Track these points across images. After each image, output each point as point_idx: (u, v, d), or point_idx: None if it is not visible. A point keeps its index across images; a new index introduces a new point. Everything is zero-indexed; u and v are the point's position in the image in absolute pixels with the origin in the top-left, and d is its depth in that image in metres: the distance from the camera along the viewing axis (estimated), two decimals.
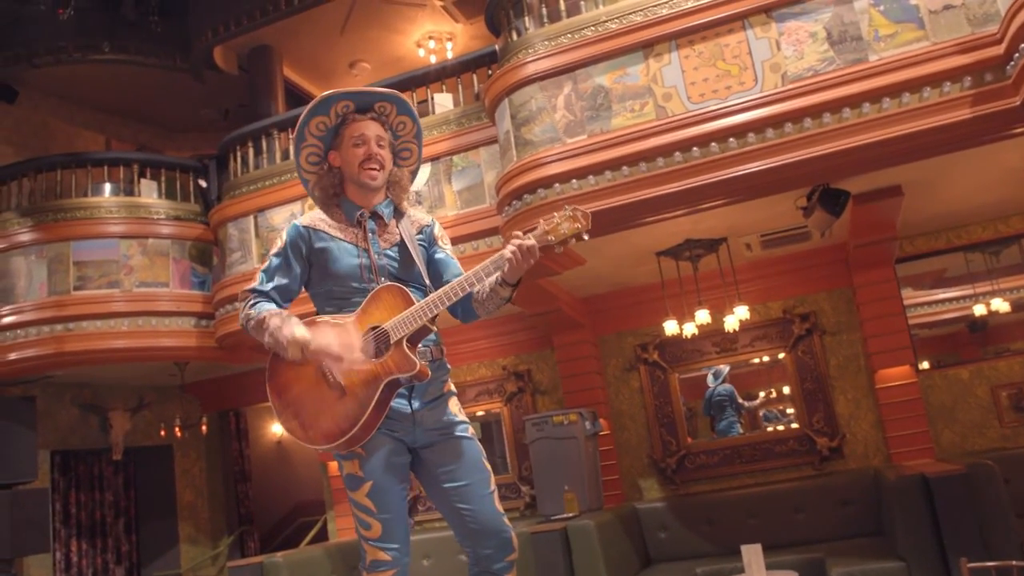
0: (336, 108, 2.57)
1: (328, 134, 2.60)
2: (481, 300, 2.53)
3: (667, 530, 6.51)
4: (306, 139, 2.60)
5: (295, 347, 2.36)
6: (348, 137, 2.56)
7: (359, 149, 2.55)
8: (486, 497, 2.49)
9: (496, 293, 2.49)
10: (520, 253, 2.35)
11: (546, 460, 6.45)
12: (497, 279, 2.46)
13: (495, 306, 2.53)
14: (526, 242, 2.36)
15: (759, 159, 4.61)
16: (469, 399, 7.97)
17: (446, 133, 6.39)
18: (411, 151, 2.74)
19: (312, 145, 2.61)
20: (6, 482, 6.90)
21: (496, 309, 2.56)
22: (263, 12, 7.31)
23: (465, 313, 2.61)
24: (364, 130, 2.55)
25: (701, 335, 6.79)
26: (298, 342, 2.35)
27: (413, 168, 2.76)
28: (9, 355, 6.86)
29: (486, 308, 2.54)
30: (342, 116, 2.58)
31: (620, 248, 5.94)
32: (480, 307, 2.55)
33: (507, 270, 2.40)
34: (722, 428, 7.11)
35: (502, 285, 2.46)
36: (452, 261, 2.65)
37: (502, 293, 2.48)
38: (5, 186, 7.35)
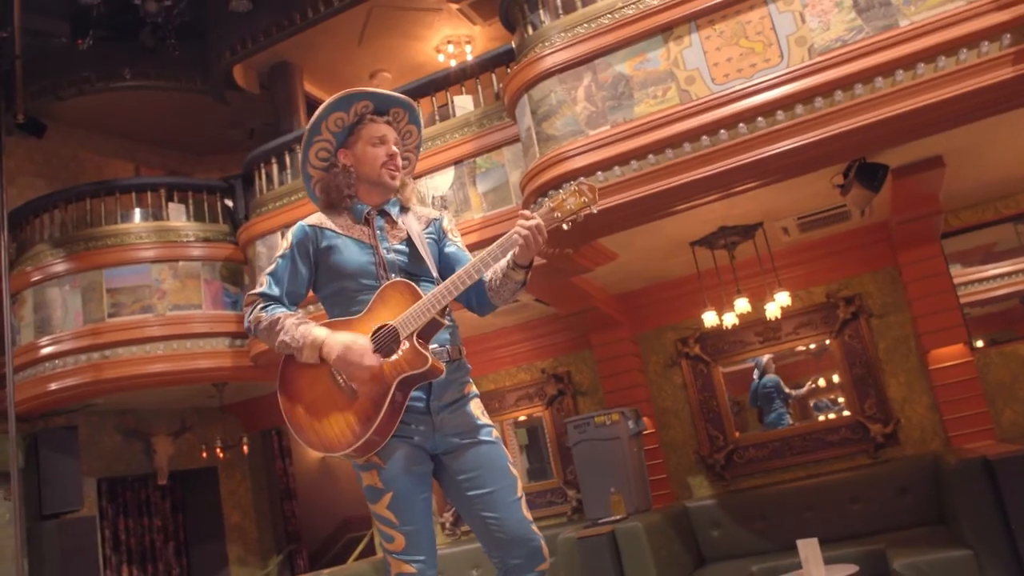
0: (356, 107, 2.51)
1: (343, 132, 2.53)
2: (495, 288, 2.41)
3: (719, 528, 6.32)
4: (321, 133, 2.52)
5: (312, 348, 2.27)
6: (366, 137, 2.50)
7: (379, 149, 2.49)
8: (512, 504, 2.35)
9: (509, 278, 2.36)
10: (528, 233, 2.23)
11: (590, 462, 6.30)
12: (509, 263, 2.34)
13: (510, 292, 2.41)
14: (532, 221, 2.24)
15: (790, 137, 4.43)
16: (509, 404, 7.85)
17: (468, 135, 6.30)
18: (410, 161, 2.70)
19: (325, 140, 2.53)
20: (53, 512, 6.94)
21: (512, 296, 2.43)
22: (279, 27, 7.30)
23: (480, 304, 2.49)
24: (385, 131, 2.52)
25: (743, 325, 6.61)
26: (316, 343, 2.26)
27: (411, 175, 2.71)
28: (50, 385, 6.91)
29: (501, 296, 2.42)
30: (359, 115, 2.52)
31: (652, 240, 5.79)
32: (495, 295, 2.42)
33: (518, 252, 2.28)
34: (771, 420, 6.89)
35: (514, 269, 2.34)
36: (463, 254, 2.54)
37: (515, 277, 2.35)
38: (37, 219, 7.42)
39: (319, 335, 2.28)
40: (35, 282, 7.12)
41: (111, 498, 8.18)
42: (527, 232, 2.23)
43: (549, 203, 2.31)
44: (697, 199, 4.85)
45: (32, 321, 7.09)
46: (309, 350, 2.27)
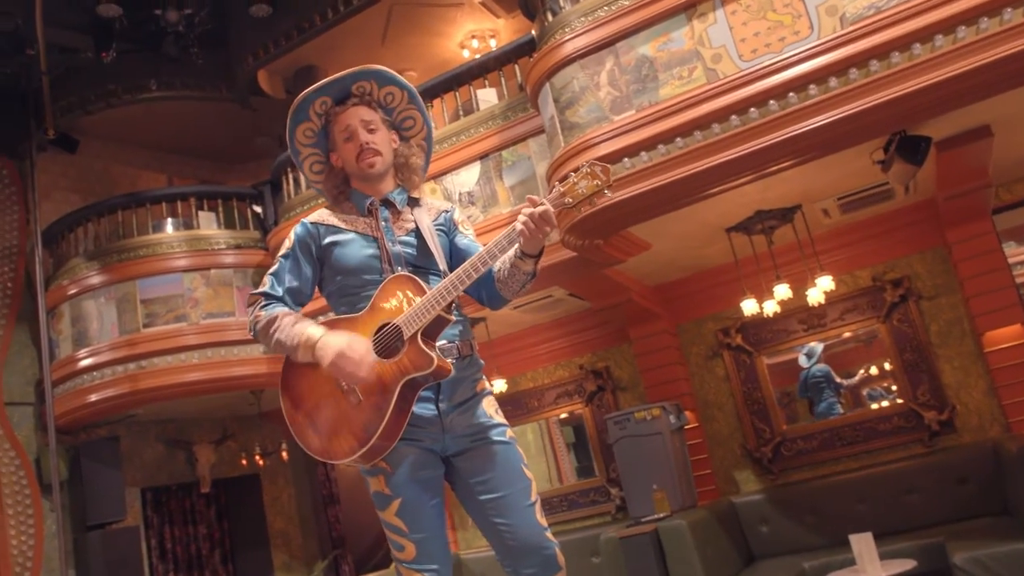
0: (315, 108, 2.37)
1: (320, 138, 2.41)
2: (503, 280, 2.26)
3: (768, 524, 6.11)
4: (300, 151, 2.42)
5: (306, 348, 2.14)
6: (337, 133, 2.36)
7: (350, 144, 2.34)
8: (526, 510, 2.20)
9: (517, 269, 2.21)
10: (532, 222, 2.08)
11: (632, 459, 6.13)
12: (516, 252, 2.19)
13: (520, 284, 2.26)
14: (538, 209, 2.09)
15: (824, 112, 4.20)
16: (549, 402, 7.72)
17: (492, 128, 6.16)
18: (413, 119, 2.49)
19: (311, 154, 2.42)
20: (98, 522, 6.98)
21: (522, 288, 2.28)
22: (299, 30, 7.25)
23: (490, 298, 2.35)
24: (348, 121, 2.34)
25: (786, 313, 6.37)
26: (309, 342, 2.13)
27: (423, 135, 2.51)
28: (90, 397, 6.96)
29: (511, 288, 2.27)
30: (324, 114, 2.38)
31: (686, 227, 5.60)
32: (504, 288, 2.28)
33: (524, 242, 2.13)
34: (821, 410, 6.61)
35: (522, 259, 2.19)
36: (475, 246, 2.38)
37: (524, 267, 2.21)
38: (72, 233, 7.48)
39: (313, 334, 2.14)
40: (71, 295, 7.17)
41: (156, 507, 8.23)
42: (532, 221, 2.08)
43: (560, 187, 2.14)
44: (729, 182, 4.65)
45: (70, 334, 7.15)
46: (303, 350, 2.15)
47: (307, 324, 2.19)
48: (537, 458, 7.84)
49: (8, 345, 7.27)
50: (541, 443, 7.89)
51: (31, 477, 7.02)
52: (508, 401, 7.81)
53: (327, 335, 2.14)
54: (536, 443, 7.89)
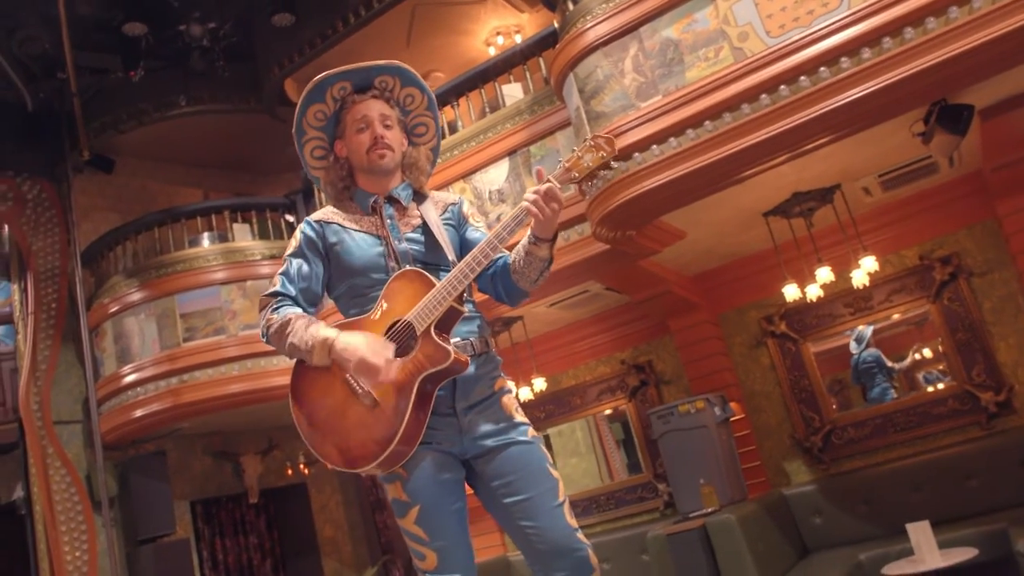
0: (332, 92, 2.29)
1: (329, 123, 2.33)
2: (520, 270, 2.17)
3: (822, 515, 5.93)
4: (306, 132, 2.32)
5: (322, 350, 2.06)
6: (351, 122, 2.28)
7: (363, 134, 2.26)
8: (554, 511, 2.08)
9: (533, 256, 2.12)
10: (541, 200, 2.00)
11: (677, 454, 6.01)
12: (530, 238, 2.11)
13: (537, 272, 2.16)
14: (543, 186, 2.01)
15: (858, 85, 4.03)
16: (592, 399, 7.61)
17: (519, 124, 6.07)
18: (426, 126, 2.42)
19: (315, 138, 2.34)
20: (149, 536, 7.06)
21: (540, 277, 2.18)
22: (323, 37, 7.24)
23: (508, 292, 2.25)
24: (366, 111, 2.26)
25: (830, 297, 6.19)
26: (326, 344, 2.05)
27: (432, 145, 2.44)
28: (135, 412, 7.03)
29: (528, 277, 2.17)
30: (340, 100, 2.30)
31: (721, 213, 5.45)
32: (521, 278, 2.18)
33: (535, 225, 2.05)
34: (875, 396, 6.39)
35: (536, 243, 2.10)
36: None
37: (539, 253, 2.12)
38: (111, 252, 7.58)
39: (329, 335, 2.07)
40: (113, 313, 7.27)
41: (206, 519, 8.30)
42: (536, 198, 1.99)
43: (564, 163, 2.08)
44: (762, 164, 4.50)
45: (113, 352, 7.24)
46: (319, 352, 2.07)
47: (321, 325, 2.12)
48: (587, 456, 7.74)
49: (55, 365, 7.39)
50: (590, 440, 7.79)
51: (82, 494, 7.12)
52: (550, 400, 7.72)
53: (344, 335, 2.06)
54: (585, 440, 7.79)
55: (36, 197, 7.75)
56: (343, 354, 2.03)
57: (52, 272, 7.64)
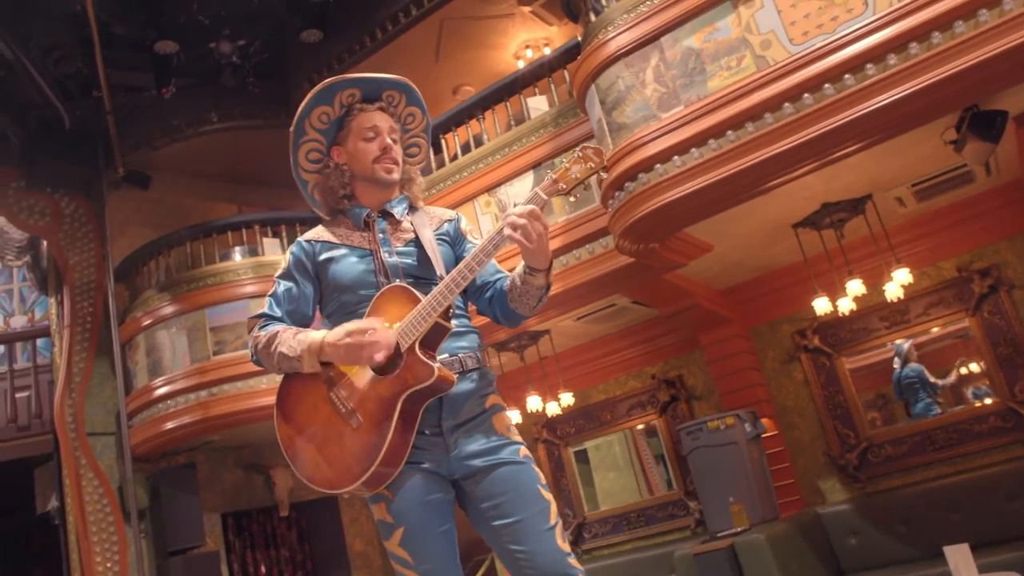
0: (341, 97, 2.25)
1: (331, 127, 2.28)
2: (518, 297, 2.13)
3: (857, 535, 5.75)
4: (306, 133, 2.28)
5: (311, 354, 2.02)
6: (357, 129, 2.24)
7: (372, 143, 2.23)
8: (544, 535, 2.00)
9: (528, 284, 2.08)
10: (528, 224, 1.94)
11: (707, 471, 5.88)
12: (524, 268, 2.07)
13: (535, 300, 2.11)
14: (525, 208, 1.96)
15: (884, 92, 3.91)
16: (622, 414, 7.51)
17: (544, 136, 6.03)
18: (419, 147, 2.42)
19: (313, 140, 2.29)
20: (179, 548, 7.10)
21: (539, 303, 2.13)
22: (350, 52, 7.29)
23: (505, 315, 2.20)
24: (376, 121, 2.23)
25: (865, 311, 6.03)
26: (313, 346, 2.02)
27: (421, 167, 2.45)
28: (166, 425, 7.09)
29: (526, 304, 2.12)
30: (347, 106, 2.26)
31: (748, 226, 5.34)
32: (520, 305, 2.13)
33: (524, 255, 2.01)
34: (918, 412, 6.17)
35: (531, 274, 2.06)
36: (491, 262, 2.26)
37: (535, 282, 2.07)
38: (145, 266, 7.69)
39: (316, 338, 2.03)
40: (145, 327, 7.35)
41: (237, 532, 8.32)
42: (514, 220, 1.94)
43: (552, 175, 2.04)
44: (786, 174, 4.39)
45: (145, 365, 7.32)
46: (309, 356, 2.03)
47: (309, 332, 2.09)
48: (625, 470, 7.62)
49: (89, 377, 7.51)
50: (628, 455, 7.67)
51: (114, 505, 7.20)
52: (579, 415, 7.63)
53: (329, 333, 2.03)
54: (623, 455, 7.68)
55: (73, 213, 7.90)
56: (333, 342, 1.99)
57: (88, 286, 7.77)
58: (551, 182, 2.02)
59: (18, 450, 7.73)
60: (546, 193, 2.01)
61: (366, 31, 7.26)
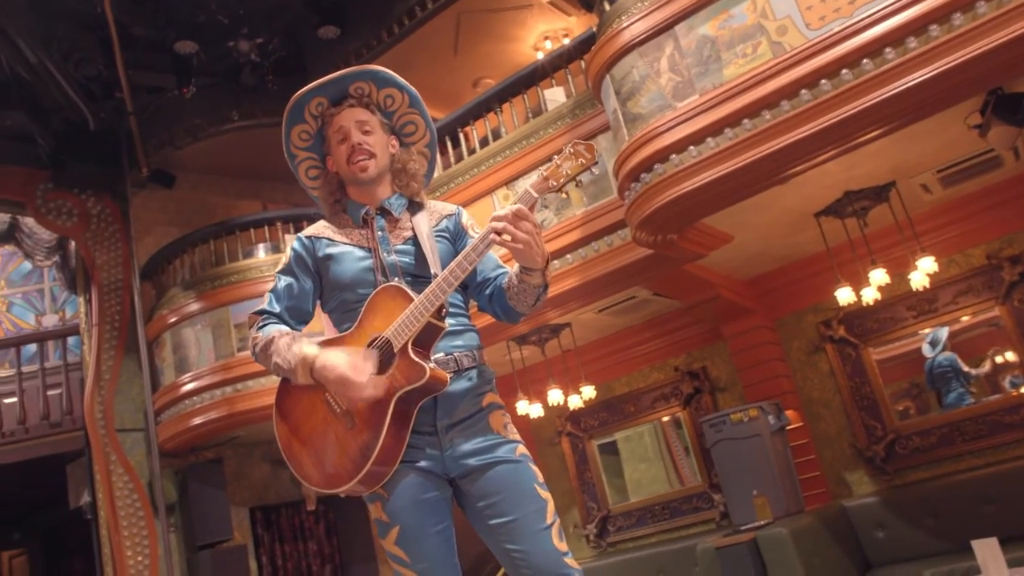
0: (310, 109, 2.27)
1: (316, 141, 2.30)
2: (516, 295, 2.11)
3: (885, 529, 5.65)
4: (296, 155, 2.31)
5: (304, 369, 2.03)
6: (331, 137, 2.25)
7: (343, 146, 2.22)
8: (540, 534, 1.99)
9: (527, 284, 2.07)
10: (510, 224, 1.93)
11: (730, 464, 5.83)
12: (519, 267, 2.06)
13: (533, 298, 2.09)
14: (511, 208, 1.94)
15: (903, 76, 3.82)
16: (645, 407, 7.45)
17: (561, 128, 5.99)
18: (415, 124, 2.35)
19: (307, 158, 2.32)
20: (206, 542, 7.19)
21: (538, 301, 2.11)
22: (368, 48, 7.29)
23: (505, 312, 2.18)
24: (342, 122, 2.22)
25: (891, 300, 5.92)
26: (306, 362, 2.02)
27: (425, 143, 2.38)
28: (193, 421, 7.17)
29: (525, 303, 2.11)
30: (321, 116, 2.27)
31: (768, 215, 5.26)
32: (519, 303, 2.12)
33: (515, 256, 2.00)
34: (951, 402, 6.03)
35: (527, 273, 2.05)
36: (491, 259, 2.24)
37: (531, 281, 2.06)
38: (170, 264, 7.78)
39: (310, 353, 2.03)
40: (171, 324, 7.44)
41: (265, 525, 8.41)
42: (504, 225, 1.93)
43: (543, 172, 2.02)
44: (803, 162, 4.31)
45: (172, 361, 7.41)
46: (302, 371, 2.04)
47: (303, 344, 2.08)
48: (655, 461, 7.57)
49: (117, 374, 7.62)
50: (657, 446, 7.62)
51: (144, 500, 7.31)
52: (603, 408, 7.59)
53: (325, 353, 2.03)
54: (653, 446, 7.62)
55: (100, 213, 8.01)
56: (323, 372, 2.00)
57: (115, 285, 7.88)
58: (542, 179, 2.01)
59: (51, 446, 7.88)
60: (537, 191, 1.99)
61: (383, 26, 7.25)
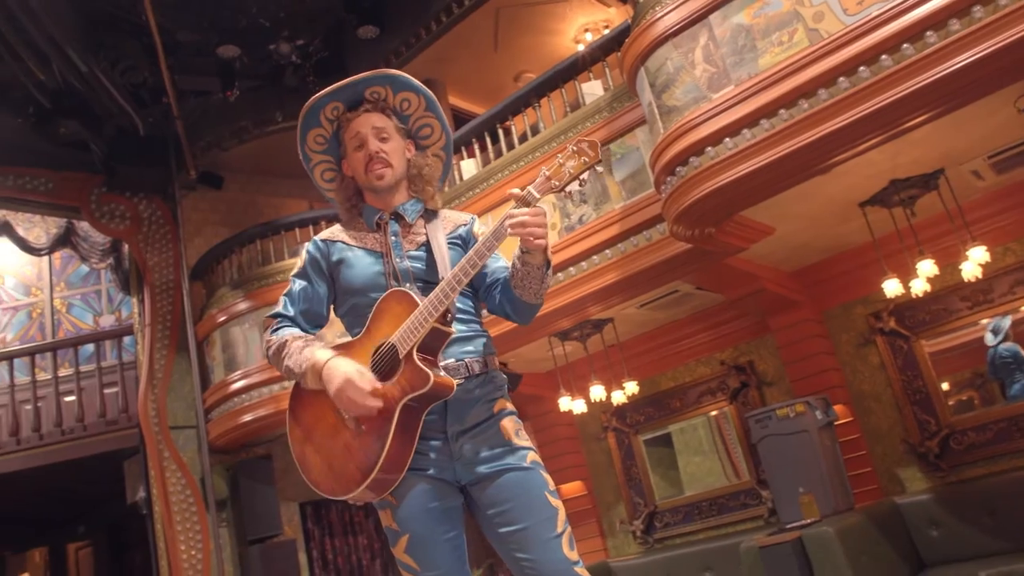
0: (326, 114, 2.25)
1: (331, 145, 2.29)
2: (520, 283, 2.07)
3: (939, 527, 5.47)
4: (311, 158, 2.31)
5: (313, 374, 2.04)
6: (347, 142, 2.24)
7: (359, 152, 2.21)
8: (550, 543, 1.97)
9: (529, 266, 2.03)
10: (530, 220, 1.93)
11: (777, 460, 5.72)
12: (519, 249, 2.03)
13: (538, 281, 2.05)
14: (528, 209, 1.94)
15: (946, 60, 3.68)
16: (691, 402, 7.36)
17: (599, 122, 5.92)
18: (431, 127, 2.33)
19: (322, 161, 2.31)
20: (257, 537, 7.34)
21: (543, 285, 2.07)
22: (407, 46, 7.32)
23: (515, 308, 2.14)
24: (358, 128, 2.21)
25: (944, 291, 5.74)
26: (316, 368, 2.03)
27: (441, 146, 2.36)
28: (243, 418, 7.31)
29: (529, 288, 2.06)
30: (336, 120, 2.26)
31: (812, 206, 5.13)
32: (523, 291, 2.07)
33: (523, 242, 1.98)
34: (1015, 393, 5.79)
35: (526, 252, 2.02)
36: (500, 260, 2.22)
37: (533, 261, 2.02)
38: (219, 265, 7.93)
39: (320, 359, 2.04)
40: (220, 323, 7.59)
41: (316, 520, 8.55)
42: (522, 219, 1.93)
43: (546, 171, 1.99)
44: (843, 151, 4.19)
45: (222, 360, 7.57)
46: (311, 375, 2.04)
47: (315, 348, 2.09)
48: (710, 455, 7.46)
49: (170, 373, 7.81)
50: (711, 439, 7.51)
51: (197, 495, 7.48)
52: (648, 403, 7.52)
53: (334, 360, 2.03)
54: (707, 439, 7.52)
55: (151, 215, 8.22)
56: (328, 382, 2.00)
57: (167, 286, 8.08)
58: (544, 179, 1.98)
59: (108, 443, 8.11)
60: (539, 191, 1.97)
61: (421, 24, 7.27)
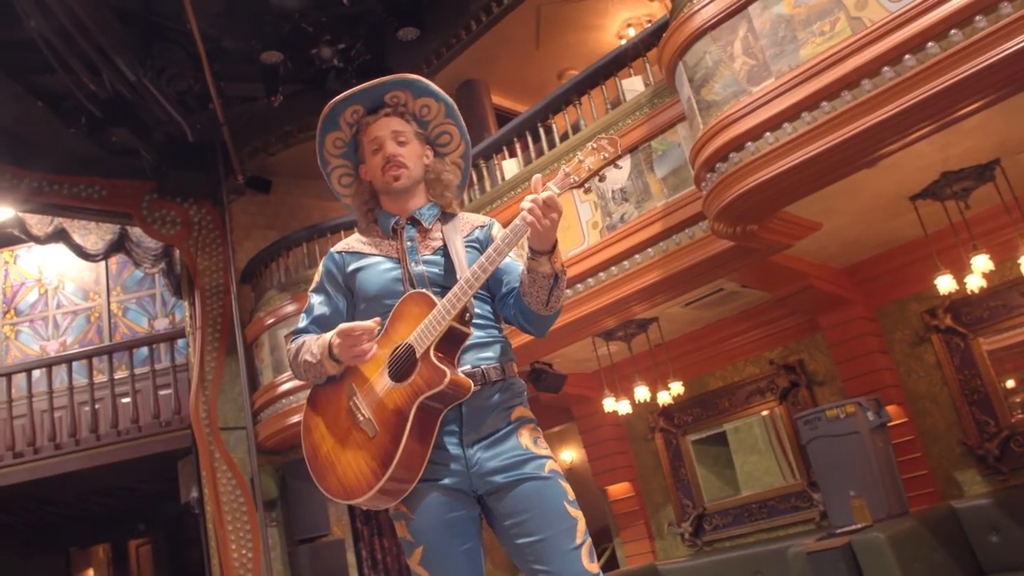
0: (345, 117, 2.26)
1: (350, 149, 2.29)
2: (528, 292, 2.03)
3: (999, 533, 5.25)
4: (329, 162, 2.31)
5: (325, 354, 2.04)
6: (366, 146, 2.23)
7: (377, 156, 2.20)
8: (569, 554, 1.91)
9: (535, 272, 1.98)
10: (539, 209, 1.88)
11: (828, 462, 5.55)
12: (528, 253, 1.98)
13: (545, 291, 2.00)
14: (542, 195, 1.89)
15: (997, 45, 3.52)
16: (740, 402, 7.21)
17: (640, 119, 5.83)
18: (449, 134, 2.31)
19: (339, 166, 2.32)
20: (305, 536, 7.42)
21: (551, 296, 2.02)
22: (447, 46, 7.32)
23: (526, 318, 2.09)
24: (377, 132, 2.20)
25: (1003, 286, 5.51)
26: (325, 345, 2.04)
27: (460, 154, 2.34)
28: (291, 419, 7.40)
29: (537, 299, 2.02)
30: (355, 124, 2.26)
31: (860, 200, 4.97)
32: (531, 300, 2.03)
33: (530, 236, 1.93)
34: None
35: (535, 258, 1.97)
36: (515, 264, 2.17)
37: (540, 269, 1.97)
38: (267, 268, 8.05)
39: (327, 337, 2.05)
40: (268, 326, 7.69)
41: (364, 520, 8.61)
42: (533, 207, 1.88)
43: (565, 168, 1.96)
44: (890, 143, 4.03)
45: (270, 362, 7.67)
46: (327, 359, 2.05)
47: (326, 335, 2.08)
48: (766, 454, 7.31)
49: (220, 375, 7.95)
50: (767, 438, 7.35)
51: (247, 495, 7.60)
52: (695, 403, 7.39)
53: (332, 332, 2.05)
54: (763, 438, 7.37)
55: (201, 220, 8.38)
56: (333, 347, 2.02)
57: (217, 289, 8.23)
58: (563, 176, 1.95)
59: (162, 444, 8.30)
60: (559, 187, 1.93)
61: (461, 24, 7.28)
